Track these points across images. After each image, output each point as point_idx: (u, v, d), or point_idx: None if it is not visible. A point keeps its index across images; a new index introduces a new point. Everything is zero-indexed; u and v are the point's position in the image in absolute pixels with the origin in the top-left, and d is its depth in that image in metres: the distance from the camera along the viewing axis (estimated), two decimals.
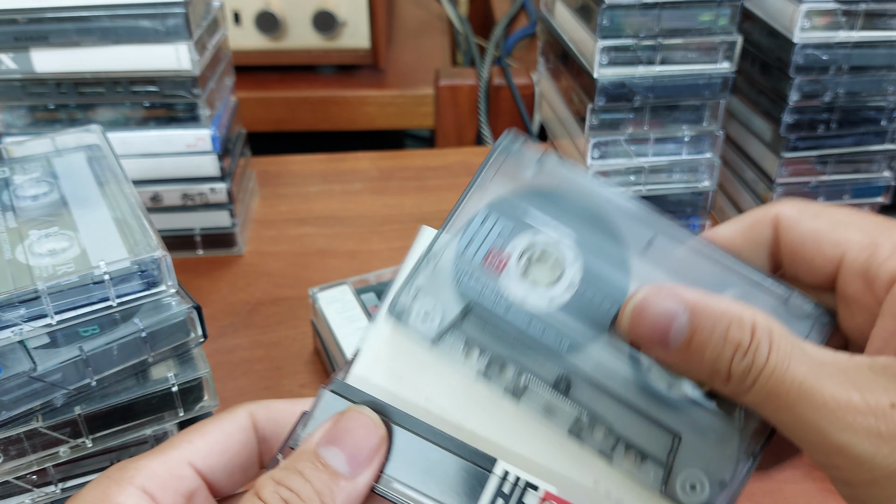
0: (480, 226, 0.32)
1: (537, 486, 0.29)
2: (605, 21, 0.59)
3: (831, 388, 0.26)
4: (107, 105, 0.65)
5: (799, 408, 0.26)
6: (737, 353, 0.27)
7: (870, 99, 0.64)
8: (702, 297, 0.28)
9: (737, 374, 0.27)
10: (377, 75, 1.00)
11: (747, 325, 0.27)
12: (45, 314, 0.39)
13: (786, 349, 0.26)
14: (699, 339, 0.27)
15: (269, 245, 0.74)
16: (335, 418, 0.29)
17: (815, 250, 0.30)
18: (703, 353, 0.27)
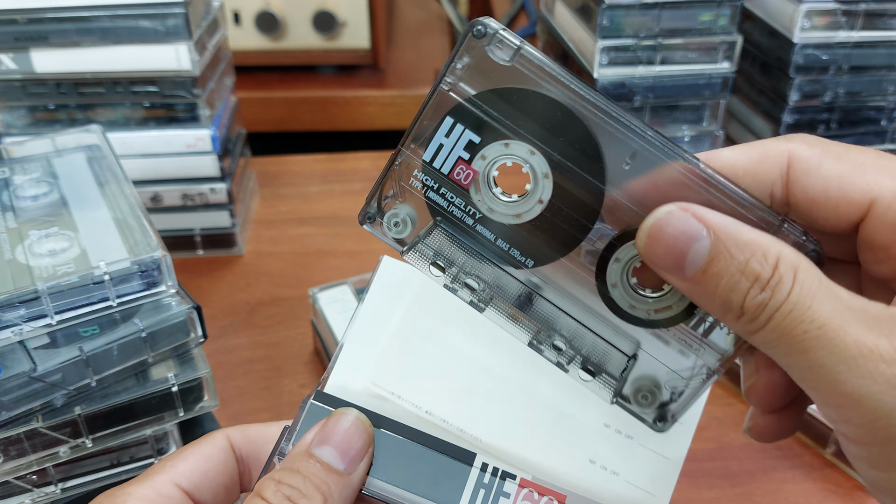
0: (446, 136, 0.30)
1: (515, 475, 0.31)
2: (605, 21, 0.59)
3: (857, 332, 0.24)
4: (107, 105, 0.65)
5: (815, 350, 0.24)
6: (754, 286, 0.25)
7: (870, 99, 0.64)
8: (728, 222, 0.26)
9: (750, 309, 0.25)
10: (377, 75, 1.00)
11: (772, 257, 0.25)
12: (45, 314, 0.39)
13: (811, 288, 0.24)
14: (716, 268, 0.25)
15: (269, 245, 0.74)
16: (322, 421, 0.30)
17: (840, 196, 0.27)
18: (720, 283, 0.25)
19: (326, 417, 0.31)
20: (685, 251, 0.25)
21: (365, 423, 0.31)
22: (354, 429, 0.30)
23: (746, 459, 0.53)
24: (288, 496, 0.28)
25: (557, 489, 0.31)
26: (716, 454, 0.53)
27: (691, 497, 0.51)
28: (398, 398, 0.32)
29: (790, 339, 0.24)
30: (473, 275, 0.31)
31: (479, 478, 0.31)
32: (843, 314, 0.24)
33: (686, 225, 0.26)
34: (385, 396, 0.32)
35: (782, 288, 0.24)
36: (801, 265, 0.25)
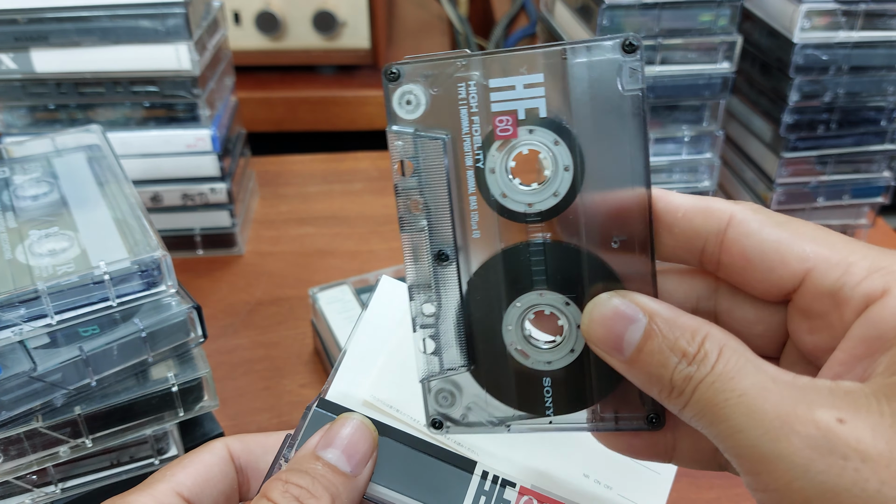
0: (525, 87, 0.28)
1: (515, 483, 0.31)
2: (604, 21, 0.59)
3: (776, 399, 0.24)
4: (107, 105, 0.65)
5: (736, 417, 0.25)
6: (682, 361, 0.26)
7: (869, 99, 0.64)
8: (663, 308, 0.27)
9: (677, 382, 0.26)
10: (377, 75, 1.00)
11: (699, 336, 0.26)
12: (45, 314, 0.39)
13: (736, 363, 0.25)
14: (650, 347, 0.27)
15: (269, 245, 0.74)
16: (327, 426, 0.31)
17: (778, 261, 0.28)
18: (652, 361, 0.27)
19: (331, 422, 0.31)
20: (622, 332, 0.27)
21: (369, 426, 0.31)
22: (359, 432, 0.30)
23: None
24: (296, 496, 0.28)
25: (557, 497, 0.32)
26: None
27: (691, 497, 0.51)
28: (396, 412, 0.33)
29: (713, 408, 0.25)
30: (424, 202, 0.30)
31: (479, 485, 0.31)
32: (764, 384, 0.25)
33: (624, 308, 0.28)
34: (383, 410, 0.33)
35: (707, 362, 0.26)
36: (728, 343, 0.26)
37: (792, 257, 0.27)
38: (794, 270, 0.27)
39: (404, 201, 0.30)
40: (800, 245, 0.27)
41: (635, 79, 0.28)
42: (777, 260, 0.28)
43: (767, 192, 0.68)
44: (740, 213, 0.28)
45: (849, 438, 0.23)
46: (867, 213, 0.70)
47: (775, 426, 0.24)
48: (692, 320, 0.27)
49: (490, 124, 0.29)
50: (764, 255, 0.28)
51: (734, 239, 0.28)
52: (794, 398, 0.24)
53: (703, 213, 0.29)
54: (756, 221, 0.28)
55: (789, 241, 0.28)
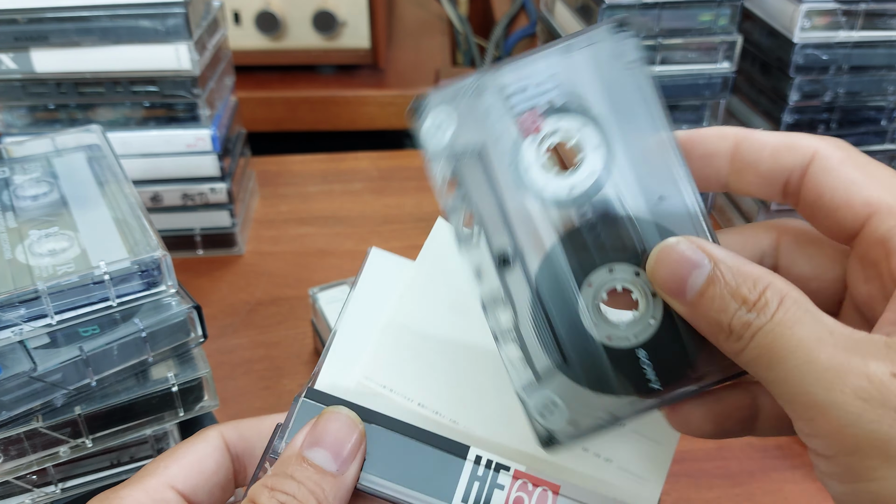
0: (537, 85, 0.30)
1: (508, 467, 0.31)
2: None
3: (831, 350, 0.25)
4: (107, 105, 0.65)
5: (789, 364, 0.25)
6: (742, 307, 0.27)
7: (870, 99, 0.64)
8: (728, 255, 0.28)
9: (736, 327, 0.27)
10: (377, 75, 1.00)
11: (761, 285, 0.27)
12: (45, 314, 0.39)
13: (795, 312, 0.26)
14: (711, 292, 0.27)
15: (270, 245, 0.74)
16: (313, 421, 0.30)
17: (844, 201, 0.28)
18: (712, 306, 0.27)
19: (316, 417, 0.31)
20: (686, 276, 0.28)
21: (355, 420, 0.31)
22: (345, 428, 0.30)
23: (746, 459, 0.53)
24: (283, 503, 0.28)
25: (551, 479, 0.31)
26: (716, 454, 0.53)
27: (691, 497, 0.51)
28: (390, 391, 0.32)
29: (770, 354, 0.26)
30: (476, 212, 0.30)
31: (472, 470, 0.31)
32: (821, 336, 0.25)
33: (690, 253, 0.28)
34: (377, 390, 0.32)
35: (767, 310, 0.26)
36: (790, 294, 0.26)
37: (858, 199, 0.28)
38: (857, 213, 0.28)
39: (456, 219, 0.30)
40: (869, 189, 0.28)
41: (635, 50, 0.30)
42: (845, 200, 0.28)
43: None
44: (824, 148, 0.29)
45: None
46: None
47: (829, 375, 0.25)
48: (756, 269, 0.27)
49: (515, 125, 0.30)
50: (835, 194, 0.28)
51: (813, 174, 0.29)
52: (849, 350, 0.25)
53: (789, 148, 0.29)
54: (836, 159, 0.29)
55: (861, 182, 0.28)
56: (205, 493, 0.32)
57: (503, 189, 0.30)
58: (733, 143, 0.30)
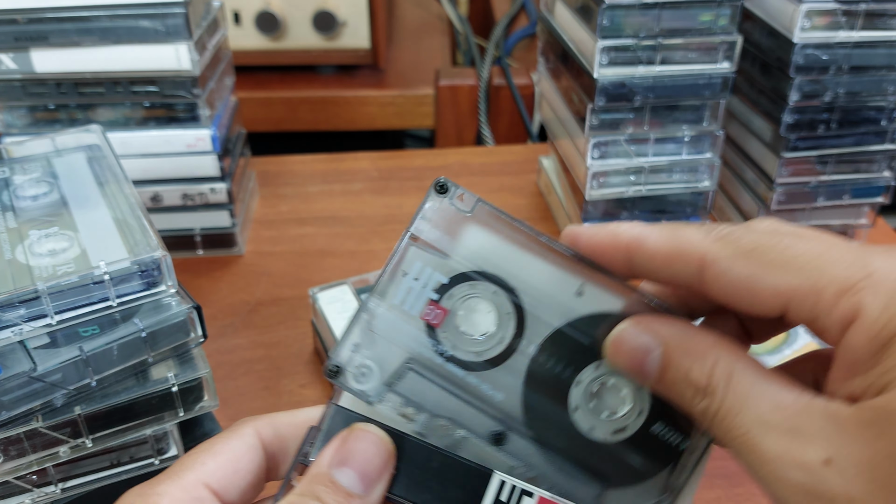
0: (415, 280, 0.32)
1: (532, 493, 0.31)
2: (605, 21, 0.59)
3: (773, 439, 0.26)
4: (107, 105, 0.65)
5: (745, 455, 0.27)
6: (696, 394, 0.28)
7: (870, 99, 0.64)
8: (675, 332, 0.29)
9: (697, 413, 0.28)
10: (377, 75, 1.00)
11: (708, 366, 0.28)
12: (45, 314, 0.39)
13: (742, 394, 0.27)
14: (669, 376, 0.29)
15: (269, 245, 0.74)
16: (342, 437, 0.30)
17: (754, 299, 0.27)
18: (673, 390, 0.29)
19: (346, 431, 0.30)
20: (643, 363, 0.29)
21: (385, 441, 0.30)
22: (374, 448, 0.30)
23: None
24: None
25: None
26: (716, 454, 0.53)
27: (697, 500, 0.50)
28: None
29: (729, 441, 0.27)
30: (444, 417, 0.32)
31: (496, 494, 0.31)
32: (764, 419, 0.26)
33: (638, 341, 0.29)
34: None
35: (717, 395, 0.27)
36: (735, 371, 0.27)
37: (766, 294, 0.27)
38: (771, 306, 0.27)
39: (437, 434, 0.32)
40: (770, 279, 0.27)
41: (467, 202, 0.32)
42: (753, 297, 0.27)
43: (767, 192, 0.68)
44: (710, 252, 0.28)
45: (835, 482, 0.25)
46: (867, 212, 0.70)
47: (774, 468, 0.26)
48: (703, 343, 0.28)
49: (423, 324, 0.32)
50: (740, 295, 0.28)
51: (710, 281, 0.28)
52: (790, 432, 0.26)
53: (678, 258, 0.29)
54: (725, 259, 0.28)
55: (759, 275, 0.27)
56: (237, 492, 0.32)
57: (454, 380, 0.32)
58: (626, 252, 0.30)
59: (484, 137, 0.97)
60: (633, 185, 0.66)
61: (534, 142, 0.98)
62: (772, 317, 0.28)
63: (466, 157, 0.89)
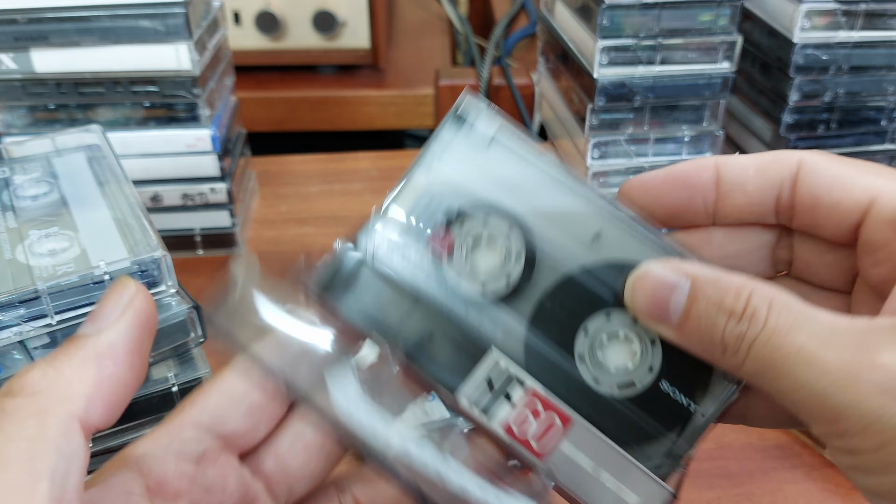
0: (425, 209, 0.31)
1: (524, 382, 0.30)
2: (605, 21, 0.59)
3: (837, 351, 0.24)
4: (107, 105, 0.65)
5: (798, 371, 0.25)
6: (730, 319, 0.26)
7: (870, 99, 0.64)
8: (705, 269, 0.27)
9: (730, 341, 0.26)
10: (377, 75, 1.00)
11: (744, 293, 0.26)
12: (45, 314, 0.39)
13: (787, 317, 0.25)
14: (696, 310, 0.27)
15: (270, 245, 0.74)
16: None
17: (843, 193, 0.28)
18: (700, 324, 0.27)
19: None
20: (667, 300, 0.27)
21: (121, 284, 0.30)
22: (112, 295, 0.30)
23: (746, 459, 0.53)
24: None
25: (565, 412, 0.30)
26: (716, 454, 0.53)
27: (691, 497, 0.51)
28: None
29: (773, 364, 0.25)
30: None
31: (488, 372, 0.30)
32: (821, 335, 0.25)
33: (666, 275, 0.27)
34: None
35: (758, 318, 0.25)
36: (776, 296, 0.26)
37: (856, 188, 0.28)
38: (858, 200, 0.28)
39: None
40: (864, 177, 0.28)
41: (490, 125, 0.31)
42: (843, 192, 0.28)
43: None
44: (808, 156, 0.29)
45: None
46: None
47: (842, 376, 0.24)
48: (736, 278, 0.27)
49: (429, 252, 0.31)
50: (831, 189, 0.29)
51: (804, 178, 0.29)
52: (855, 344, 0.24)
53: (774, 162, 0.30)
54: (823, 161, 0.29)
55: (854, 174, 0.29)
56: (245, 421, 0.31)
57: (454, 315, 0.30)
58: (715, 170, 0.30)
59: None
60: None
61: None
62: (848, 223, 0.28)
63: None
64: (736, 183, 0.30)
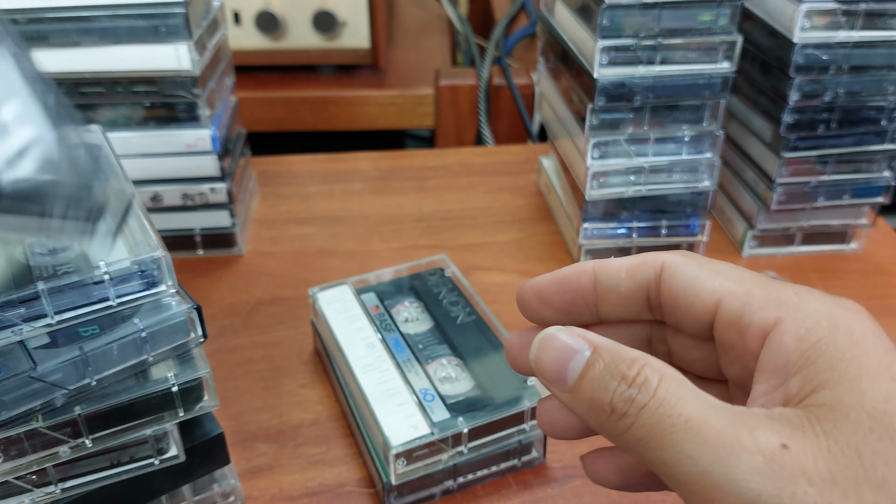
0: None
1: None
2: (605, 21, 0.59)
3: (720, 426, 0.25)
4: (107, 105, 0.65)
5: (684, 443, 0.26)
6: (621, 383, 0.27)
7: (870, 99, 0.64)
8: (608, 341, 0.29)
9: (618, 405, 0.27)
10: (377, 75, 1.00)
11: (638, 363, 0.28)
12: (45, 314, 0.39)
13: (676, 390, 0.27)
14: (590, 374, 0.28)
15: (269, 245, 0.74)
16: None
17: (694, 296, 0.31)
18: (592, 387, 0.28)
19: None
20: (567, 363, 0.29)
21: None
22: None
23: None
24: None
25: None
26: None
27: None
28: None
29: (659, 433, 0.26)
30: None
31: None
32: (705, 413, 0.26)
33: (570, 341, 0.29)
34: None
35: (648, 387, 0.27)
36: (667, 371, 0.27)
37: (704, 291, 0.30)
38: (706, 302, 0.30)
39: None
40: (711, 280, 0.31)
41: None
42: (694, 294, 0.31)
43: (767, 191, 0.68)
44: (669, 258, 0.32)
45: (794, 464, 0.24)
46: (867, 212, 0.71)
47: (724, 453, 0.25)
48: (633, 351, 0.28)
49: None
50: (684, 292, 0.31)
51: (665, 280, 0.32)
52: (735, 425, 0.26)
53: (642, 265, 0.32)
54: (681, 264, 0.31)
55: (703, 277, 0.31)
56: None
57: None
58: (593, 275, 0.33)
59: (484, 137, 0.97)
60: (633, 185, 0.66)
61: (534, 142, 0.98)
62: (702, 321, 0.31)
63: (466, 157, 0.89)
64: (611, 286, 0.33)
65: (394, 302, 0.58)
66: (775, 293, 0.29)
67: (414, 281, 0.60)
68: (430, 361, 0.52)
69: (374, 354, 0.52)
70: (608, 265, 0.33)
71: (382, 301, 0.58)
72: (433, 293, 0.59)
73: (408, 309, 0.57)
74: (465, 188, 0.83)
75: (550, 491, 0.50)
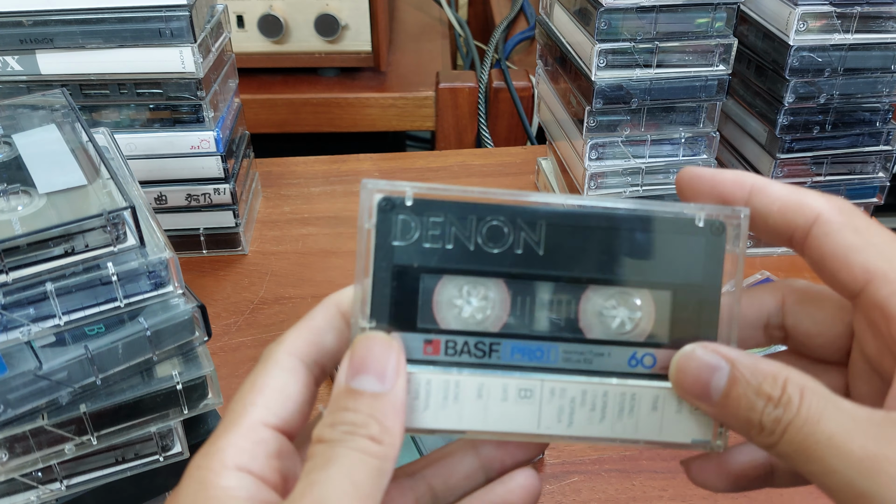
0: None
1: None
2: (602, 24, 0.60)
3: (861, 441, 0.27)
4: (112, 107, 0.65)
5: (828, 459, 0.27)
6: (768, 405, 0.28)
7: (864, 101, 0.64)
8: (743, 355, 0.30)
9: (767, 424, 0.28)
10: (378, 78, 1.00)
11: (780, 380, 0.28)
12: (53, 314, 0.39)
13: (818, 405, 0.27)
14: (736, 392, 0.29)
15: (273, 245, 0.75)
16: (349, 352, 0.31)
17: (843, 267, 0.30)
18: (740, 405, 0.29)
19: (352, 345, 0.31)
20: (709, 380, 0.30)
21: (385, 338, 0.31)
22: (380, 346, 0.31)
23: None
24: (348, 431, 0.29)
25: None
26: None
27: (690, 494, 0.51)
28: None
29: (805, 449, 0.27)
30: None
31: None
32: (847, 426, 0.27)
33: (708, 358, 0.30)
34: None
35: (792, 405, 0.28)
36: (807, 385, 0.28)
37: (856, 265, 0.30)
38: (856, 278, 0.30)
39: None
40: (866, 255, 0.30)
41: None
42: (844, 265, 0.30)
43: None
44: (827, 212, 0.30)
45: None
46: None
47: (866, 466, 0.26)
48: (771, 365, 0.29)
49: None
50: (835, 258, 0.30)
51: (815, 236, 0.30)
52: (877, 438, 0.27)
53: (796, 207, 0.31)
54: (837, 223, 0.30)
55: (858, 249, 0.30)
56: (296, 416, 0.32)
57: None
58: (749, 192, 0.32)
59: (484, 139, 0.98)
60: (631, 186, 0.67)
61: (533, 143, 0.98)
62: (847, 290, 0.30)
63: (466, 159, 0.90)
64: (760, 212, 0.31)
65: None
66: None
67: None
68: None
69: None
70: (765, 192, 0.32)
71: None
72: None
73: None
74: (465, 188, 0.83)
75: (549, 487, 0.51)
